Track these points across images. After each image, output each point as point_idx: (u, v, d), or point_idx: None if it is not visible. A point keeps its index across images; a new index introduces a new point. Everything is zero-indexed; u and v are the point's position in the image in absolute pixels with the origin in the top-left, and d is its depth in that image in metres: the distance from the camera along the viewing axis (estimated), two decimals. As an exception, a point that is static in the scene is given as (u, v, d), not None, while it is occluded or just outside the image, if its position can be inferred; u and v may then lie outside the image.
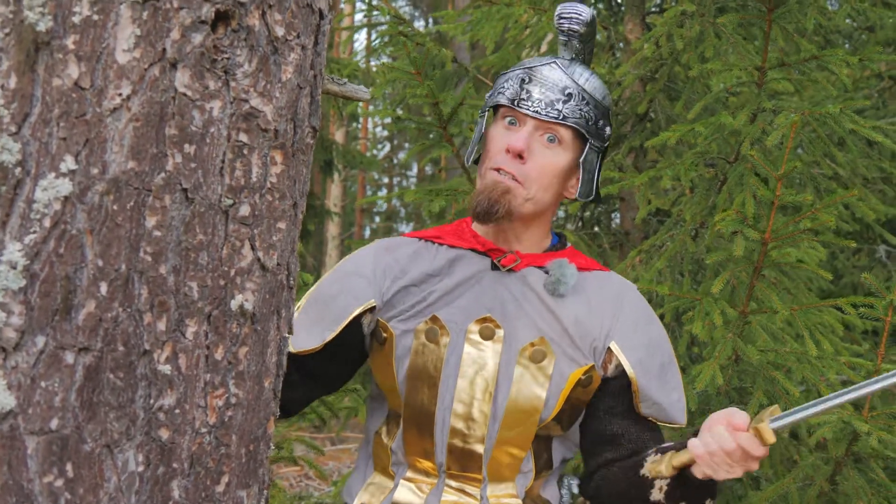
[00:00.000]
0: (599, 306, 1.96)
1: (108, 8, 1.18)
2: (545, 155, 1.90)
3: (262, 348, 1.33)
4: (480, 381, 1.89)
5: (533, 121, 1.90)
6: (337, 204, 16.13)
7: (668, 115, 3.88)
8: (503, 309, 1.92)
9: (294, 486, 7.23)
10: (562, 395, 1.90)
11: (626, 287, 2.04)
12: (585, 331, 1.93)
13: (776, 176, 2.60)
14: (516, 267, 1.95)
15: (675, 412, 1.99)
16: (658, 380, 1.96)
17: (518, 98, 1.90)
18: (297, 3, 1.33)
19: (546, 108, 1.88)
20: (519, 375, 1.89)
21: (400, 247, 2.03)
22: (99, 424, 1.16)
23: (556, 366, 1.90)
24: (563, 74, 1.92)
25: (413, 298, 1.94)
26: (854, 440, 2.76)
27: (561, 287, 1.92)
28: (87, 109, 1.17)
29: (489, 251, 1.97)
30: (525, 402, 1.89)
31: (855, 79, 3.76)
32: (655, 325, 2.03)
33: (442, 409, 1.90)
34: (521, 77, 1.93)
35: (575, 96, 1.91)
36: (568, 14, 1.94)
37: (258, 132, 1.29)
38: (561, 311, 1.93)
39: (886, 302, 2.61)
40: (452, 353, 1.90)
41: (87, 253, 1.16)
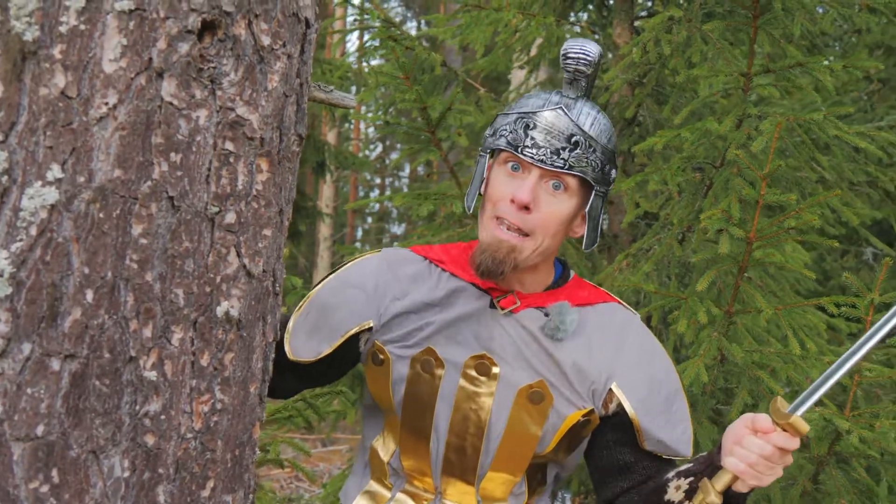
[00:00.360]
0: (600, 347, 1.91)
1: (95, 18, 1.19)
2: (550, 203, 1.82)
3: (248, 354, 1.34)
4: (474, 417, 1.87)
5: (538, 169, 1.81)
6: (329, 205, 16.14)
7: (657, 120, 3.90)
8: (502, 349, 1.88)
9: (284, 489, 7.23)
10: (558, 433, 1.88)
11: (629, 322, 1.99)
12: (584, 375, 1.89)
13: (761, 175, 2.62)
14: (515, 309, 1.90)
15: (681, 446, 1.94)
16: (662, 416, 1.92)
17: (522, 145, 1.82)
18: (283, 12, 1.34)
19: (552, 157, 1.80)
20: (515, 415, 1.86)
21: (403, 264, 1.98)
22: (85, 430, 1.18)
23: (554, 407, 1.87)
24: (570, 122, 1.83)
25: (410, 325, 1.90)
26: (836, 439, 2.79)
27: (559, 333, 1.88)
28: (73, 118, 1.18)
29: (489, 289, 1.92)
30: (519, 440, 1.87)
31: (844, 81, 3.79)
32: (659, 359, 1.98)
33: (436, 440, 1.89)
34: (525, 122, 1.84)
35: (581, 144, 1.82)
36: (575, 54, 1.85)
37: (244, 140, 1.30)
38: (559, 354, 1.88)
39: (867, 301, 2.63)
40: (447, 387, 1.87)
41: (74, 261, 1.17)
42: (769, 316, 2.75)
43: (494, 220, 1.83)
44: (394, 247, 2.08)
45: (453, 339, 1.89)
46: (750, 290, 2.84)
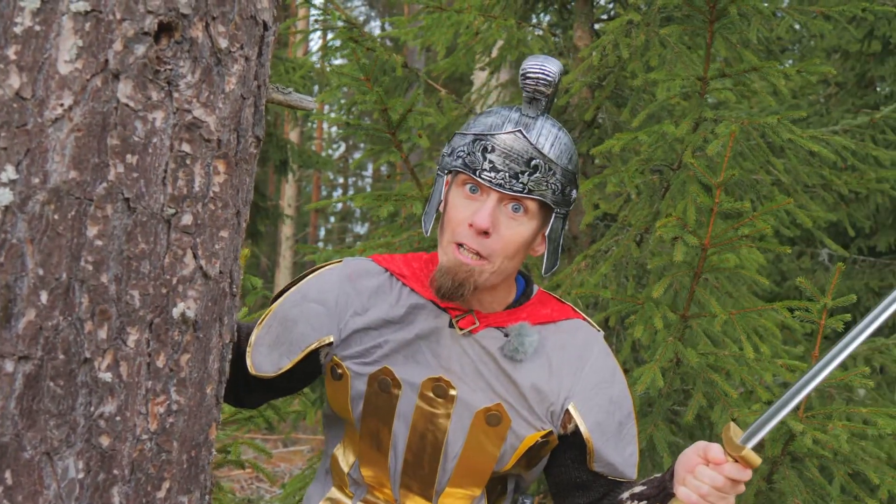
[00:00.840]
0: (559, 368, 1.90)
1: (51, 19, 1.19)
2: (510, 226, 1.79)
3: (205, 355, 1.35)
4: (431, 437, 1.86)
5: (496, 193, 1.78)
6: (291, 204, 16.08)
7: (615, 122, 3.93)
8: (460, 370, 1.86)
9: (244, 489, 7.20)
10: (516, 453, 1.88)
11: (592, 343, 1.97)
12: (543, 396, 1.88)
13: (715, 183, 2.66)
14: (473, 330, 1.88)
15: (627, 468, 1.95)
16: (614, 439, 1.93)
17: (480, 168, 1.78)
18: (240, 15, 1.35)
19: (510, 182, 1.76)
20: (473, 436, 1.85)
21: (364, 277, 1.95)
22: (39, 432, 1.18)
23: (512, 429, 1.86)
24: (528, 145, 1.78)
25: (369, 341, 1.88)
26: (790, 440, 2.83)
27: (518, 355, 1.86)
28: (28, 119, 1.18)
29: (448, 308, 1.89)
30: (477, 460, 1.87)
31: (800, 85, 3.84)
32: (617, 383, 1.97)
33: (394, 457, 1.89)
34: (482, 144, 1.79)
35: (541, 167, 1.78)
36: (535, 74, 1.79)
37: (201, 142, 1.31)
38: (518, 376, 1.87)
39: (821, 305, 2.68)
40: (404, 406, 1.86)
41: (28, 262, 1.17)
42: (724, 320, 2.79)
43: (454, 245, 1.80)
44: (356, 257, 2.05)
45: (411, 358, 1.87)
46: (705, 295, 2.87)
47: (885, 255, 7.49)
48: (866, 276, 7.03)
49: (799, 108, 6.30)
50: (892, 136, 4.05)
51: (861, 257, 7.28)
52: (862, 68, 7.88)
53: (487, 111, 1.88)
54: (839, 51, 7.93)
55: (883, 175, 3.80)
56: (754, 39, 3.29)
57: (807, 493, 2.78)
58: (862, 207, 6.44)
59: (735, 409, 2.78)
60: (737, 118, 2.98)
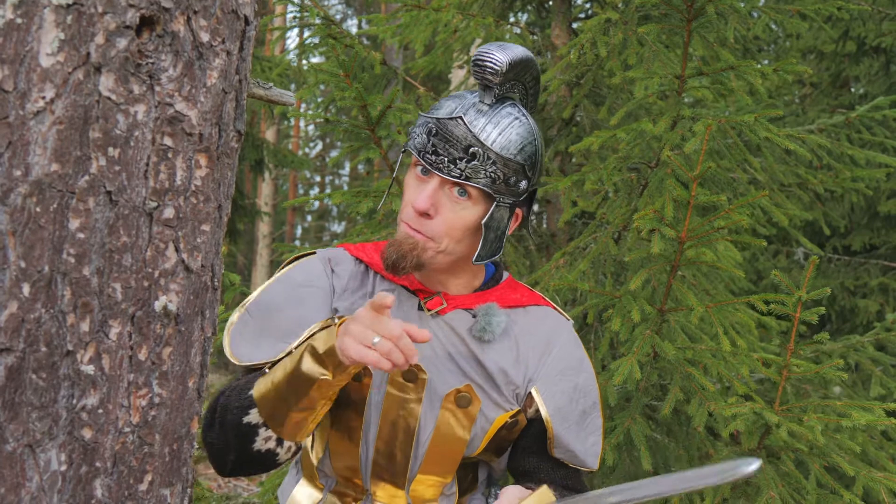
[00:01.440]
0: (526, 353, 1.92)
1: (32, 12, 1.19)
2: (454, 210, 1.81)
3: (186, 349, 1.35)
4: (402, 423, 1.87)
5: (438, 177, 1.81)
6: (268, 203, 16.04)
7: (593, 120, 3.96)
8: (431, 353, 1.87)
9: (222, 487, 7.18)
10: (486, 437, 1.90)
11: (560, 329, 1.99)
12: (509, 379, 1.90)
13: (692, 176, 2.68)
14: (442, 311, 1.90)
15: (588, 458, 1.97)
16: (576, 426, 1.94)
17: (424, 150, 1.81)
18: (222, 9, 1.35)
19: (448, 167, 1.78)
20: (442, 419, 1.87)
21: (342, 262, 1.97)
22: (21, 424, 1.18)
23: (482, 411, 1.88)
24: (467, 132, 1.79)
25: None
26: (766, 433, 2.85)
27: (486, 335, 1.88)
28: (10, 112, 1.18)
29: (417, 291, 1.92)
30: (447, 445, 1.88)
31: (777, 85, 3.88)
32: (584, 372, 1.99)
33: (365, 446, 1.89)
34: (429, 127, 1.82)
35: (479, 156, 1.79)
36: (482, 62, 1.80)
37: (183, 136, 1.31)
38: (485, 357, 1.89)
39: (796, 299, 2.70)
40: (376, 394, 1.87)
41: (10, 254, 1.17)
42: (701, 314, 2.81)
43: (403, 223, 1.84)
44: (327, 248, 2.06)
45: None
46: (682, 289, 2.90)
47: (860, 254, 7.56)
48: (841, 275, 7.09)
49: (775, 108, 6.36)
50: (868, 135, 4.09)
51: (836, 256, 7.35)
52: (837, 68, 7.95)
53: (453, 95, 1.89)
54: (814, 51, 8.00)
55: (858, 174, 3.84)
56: (731, 38, 3.32)
57: (782, 487, 2.80)
58: (837, 206, 6.51)
59: (712, 402, 2.81)
60: (714, 116, 3.01)
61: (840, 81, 8.13)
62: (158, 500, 1.33)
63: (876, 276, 6.99)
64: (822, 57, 8.03)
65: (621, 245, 3.37)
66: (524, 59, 1.83)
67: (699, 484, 1.55)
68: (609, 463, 2.84)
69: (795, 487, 2.86)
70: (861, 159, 3.85)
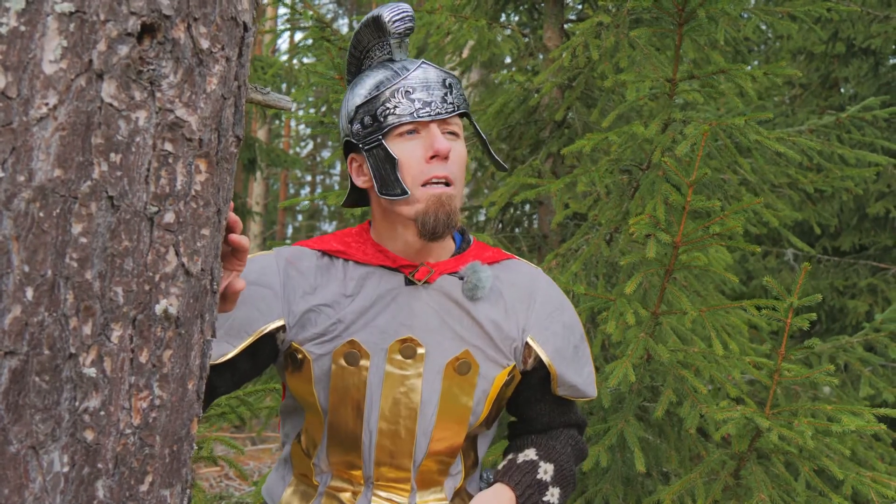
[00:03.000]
0: (513, 305, 1.98)
1: (35, 19, 1.21)
2: (455, 148, 1.88)
3: (186, 351, 1.37)
4: (405, 400, 1.88)
5: (433, 123, 1.86)
6: (259, 202, 16.03)
7: (585, 122, 3.98)
8: (424, 324, 1.90)
9: (214, 487, 7.19)
10: (488, 399, 1.94)
11: (536, 276, 2.07)
12: (504, 333, 1.95)
13: (688, 182, 2.70)
14: (430, 278, 1.93)
15: (588, 387, 2.08)
16: (572, 361, 2.03)
17: (414, 110, 1.85)
18: (221, 16, 1.37)
19: (442, 106, 1.86)
20: (446, 389, 1.90)
21: (303, 259, 1.96)
22: (24, 426, 1.19)
23: (481, 374, 1.92)
24: (436, 70, 1.90)
25: (327, 320, 1.89)
26: (756, 436, 2.88)
27: (479, 291, 1.92)
28: (13, 118, 1.19)
29: (400, 267, 1.93)
30: (454, 414, 1.91)
31: (767, 87, 3.91)
32: (567, 309, 2.08)
33: (368, 429, 1.89)
34: (401, 91, 1.86)
35: (452, 84, 1.90)
36: (399, 16, 1.89)
37: (183, 141, 1.33)
38: (479, 315, 1.93)
39: (787, 304, 2.73)
40: (375, 375, 1.88)
41: (14, 259, 1.19)
42: (694, 317, 2.84)
43: (421, 188, 1.86)
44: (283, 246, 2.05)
45: (373, 325, 1.89)
46: (676, 292, 2.92)
47: (849, 254, 7.61)
48: (831, 276, 7.14)
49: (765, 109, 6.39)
50: (858, 135, 4.13)
51: (826, 256, 7.39)
52: (826, 69, 8.00)
53: (361, 80, 1.94)
54: (804, 52, 8.04)
55: (847, 172, 3.88)
56: (722, 40, 3.35)
57: (773, 489, 2.83)
58: (827, 206, 6.54)
59: (704, 405, 2.83)
60: (705, 119, 3.04)
61: (830, 82, 8.18)
62: (159, 500, 1.34)
63: (865, 276, 7.04)
64: (812, 58, 8.08)
65: (613, 247, 3.40)
66: None
67: None
68: (603, 464, 2.87)
69: (785, 489, 2.89)
70: (851, 158, 3.89)
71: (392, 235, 1.94)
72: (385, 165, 1.88)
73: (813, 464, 2.92)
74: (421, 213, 1.85)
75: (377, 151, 1.89)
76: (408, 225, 1.89)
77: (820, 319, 7.15)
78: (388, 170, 1.88)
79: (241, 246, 1.53)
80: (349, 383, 1.88)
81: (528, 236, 4.24)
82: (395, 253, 1.94)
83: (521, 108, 4.06)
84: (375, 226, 1.98)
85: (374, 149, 1.89)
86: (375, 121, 1.88)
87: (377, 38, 1.94)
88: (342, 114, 2.00)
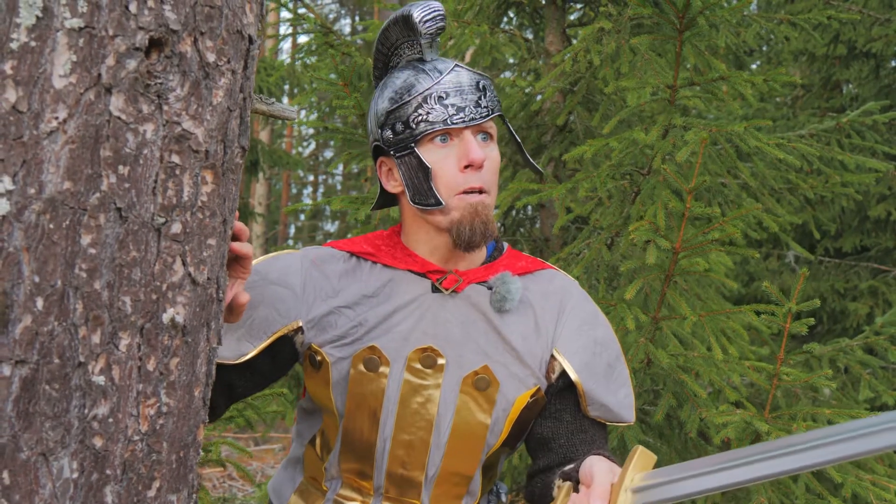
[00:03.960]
0: (544, 317, 1.90)
1: (45, 35, 1.23)
2: (489, 155, 1.84)
3: (193, 359, 1.39)
4: (422, 411, 1.83)
5: (467, 129, 1.82)
6: (262, 203, 16.07)
7: (587, 127, 4.00)
8: (447, 335, 1.84)
9: (217, 488, 7.22)
10: (508, 419, 1.86)
11: (570, 288, 1.98)
12: (532, 347, 1.87)
13: (687, 189, 2.73)
14: (458, 287, 1.87)
15: (623, 410, 1.93)
16: (604, 380, 1.91)
17: (448, 117, 1.79)
18: (227, 30, 1.39)
19: (476, 111, 1.80)
20: (462, 404, 1.84)
21: (329, 262, 1.92)
22: (35, 433, 1.22)
23: (501, 391, 1.84)
24: (468, 73, 1.84)
25: (348, 323, 1.85)
26: (756, 440, 2.90)
27: (507, 304, 1.86)
28: (24, 132, 1.22)
29: (428, 273, 1.89)
30: (469, 430, 1.84)
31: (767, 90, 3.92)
32: (601, 325, 1.97)
33: (382, 437, 1.85)
34: (435, 97, 1.80)
35: (486, 86, 1.85)
36: (431, 15, 1.81)
37: (190, 153, 1.35)
38: (507, 329, 1.86)
39: (786, 309, 2.75)
40: (393, 383, 1.83)
41: (24, 269, 1.21)
42: (694, 321, 2.86)
43: (456, 197, 1.82)
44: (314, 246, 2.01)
45: (396, 332, 1.84)
46: (676, 297, 2.95)
47: (850, 255, 7.63)
48: (832, 277, 7.16)
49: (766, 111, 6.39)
50: (858, 139, 4.14)
51: (827, 258, 7.41)
52: (828, 71, 8.02)
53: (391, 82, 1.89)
54: (806, 54, 8.06)
55: (848, 179, 3.89)
56: (722, 46, 3.37)
57: (772, 492, 2.85)
58: (827, 210, 6.56)
59: (703, 408, 2.85)
60: (705, 125, 3.06)
61: (831, 84, 8.20)
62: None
63: (866, 278, 7.06)
64: (814, 59, 8.10)
65: (614, 251, 3.42)
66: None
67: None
68: None
69: (785, 492, 2.91)
70: (851, 164, 3.90)
71: (423, 240, 1.90)
72: (418, 174, 1.84)
73: (812, 467, 2.94)
74: (456, 223, 1.82)
75: (409, 159, 1.84)
76: (441, 233, 1.87)
77: (821, 321, 7.16)
78: (420, 178, 1.84)
79: (245, 254, 1.55)
80: (367, 390, 1.84)
81: (530, 239, 4.26)
82: (425, 258, 1.90)
83: (523, 112, 4.08)
84: (405, 229, 1.94)
85: (405, 156, 1.85)
86: (407, 127, 1.83)
87: (406, 37, 1.89)
88: (370, 116, 1.95)
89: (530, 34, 4.99)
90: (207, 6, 1.35)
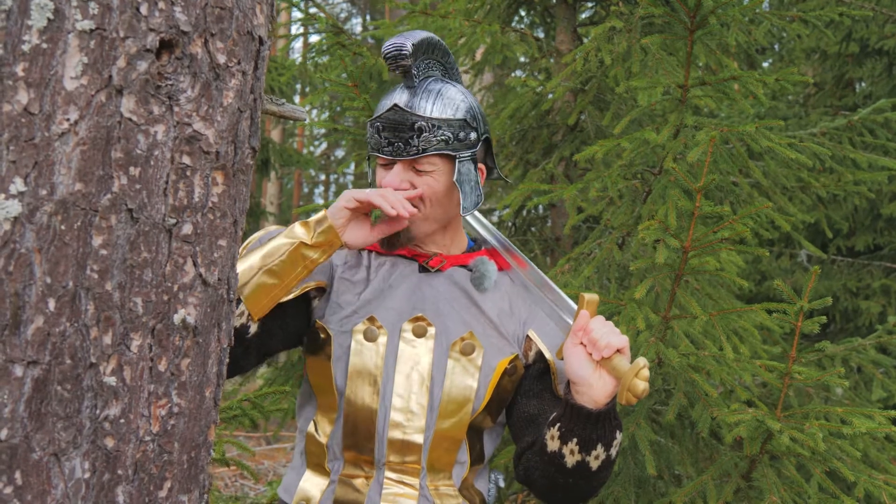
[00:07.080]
0: (516, 302, 2.13)
1: (57, 37, 1.24)
2: (424, 182, 2.03)
3: (204, 360, 1.40)
4: (416, 376, 2.02)
5: (399, 162, 2.03)
6: (273, 202, 16.09)
7: (598, 126, 4.00)
8: (434, 307, 2.07)
9: (229, 487, 7.24)
10: (490, 384, 2.04)
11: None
12: (507, 323, 2.09)
13: (696, 188, 2.72)
14: (443, 267, 2.12)
15: None
16: None
17: (380, 146, 2.03)
18: (238, 31, 1.40)
19: (405, 149, 2.00)
20: (451, 368, 2.03)
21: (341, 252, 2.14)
22: (47, 434, 1.22)
23: (485, 357, 2.04)
24: (406, 115, 2.00)
25: (349, 297, 2.07)
26: (768, 439, 2.89)
27: (485, 281, 2.09)
28: (35, 134, 1.23)
29: (415, 256, 2.12)
30: (458, 393, 2.02)
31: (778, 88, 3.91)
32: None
33: (384, 404, 2.01)
34: (377, 126, 2.04)
35: (425, 128, 2.00)
36: (392, 53, 1.99)
37: (200, 154, 1.36)
38: (485, 304, 2.09)
39: (797, 308, 2.74)
40: (390, 351, 2.03)
41: (36, 271, 1.22)
42: (705, 321, 2.85)
43: None
44: None
45: (390, 305, 2.06)
46: (686, 296, 2.94)
47: (863, 254, 7.60)
48: (844, 276, 7.13)
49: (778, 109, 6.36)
50: (870, 137, 4.12)
51: (839, 257, 7.38)
52: (840, 69, 7.98)
53: (385, 94, 2.11)
54: (818, 51, 8.03)
55: (860, 177, 3.87)
56: (733, 44, 3.36)
57: (785, 491, 2.84)
58: (840, 208, 6.54)
59: (715, 408, 2.85)
60: (716, 125, 3.05)
61: (843, 82, 8.16)
62: (176, 505, 1.37)
63: (879, 277, 7.02)
64: (826, 57, 8.06)
65: (625, 251, 3.42)
66: (425, 38, 2.05)
67: None
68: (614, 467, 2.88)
69: (797, 492, 2.90)
70: (863, 162, 3.88)
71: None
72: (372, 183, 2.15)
73: (825, 466, 2.93)
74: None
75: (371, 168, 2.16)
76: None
77: (833, 320, 7.14)
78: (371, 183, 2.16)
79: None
80: (367, 359, 2.02)
81: (541, 239, 4.26)
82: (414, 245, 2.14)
83: (534, 112, 4.08)
84: None
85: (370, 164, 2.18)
86: (369, 139, 2.10)
87: None
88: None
89: (541, 33, 4.99)
90: (218, 7, 1.36)
